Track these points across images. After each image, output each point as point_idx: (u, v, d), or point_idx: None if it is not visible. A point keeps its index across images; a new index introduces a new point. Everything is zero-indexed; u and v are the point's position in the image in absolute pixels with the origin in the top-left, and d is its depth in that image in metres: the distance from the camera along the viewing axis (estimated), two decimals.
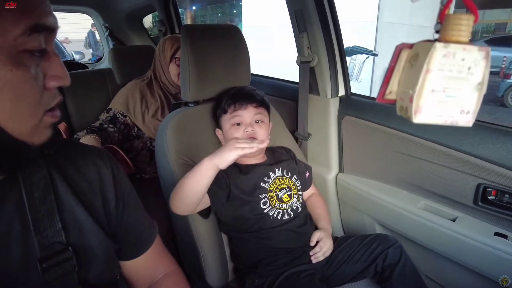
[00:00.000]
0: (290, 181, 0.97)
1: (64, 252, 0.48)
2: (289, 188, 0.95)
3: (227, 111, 0.95)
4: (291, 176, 0.99)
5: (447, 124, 0.36)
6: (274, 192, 0.92)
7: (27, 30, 0.38)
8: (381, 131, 1.09)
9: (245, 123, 0.94)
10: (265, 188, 0.92)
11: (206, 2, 12.85)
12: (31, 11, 0.39)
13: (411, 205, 1.03)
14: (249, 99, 0.95)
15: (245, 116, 0.94)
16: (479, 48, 0.34)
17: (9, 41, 0.37)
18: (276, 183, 0.94)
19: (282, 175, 0.97)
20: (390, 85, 0.40)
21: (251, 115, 0.94)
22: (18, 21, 0.37)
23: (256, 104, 0.95)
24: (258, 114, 0.95)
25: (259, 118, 0.95)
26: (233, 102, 0.94)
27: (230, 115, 0.94)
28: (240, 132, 0.93)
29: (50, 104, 0.44)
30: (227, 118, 0.95)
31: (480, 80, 0.34)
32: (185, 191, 0.78)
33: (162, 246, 0.69)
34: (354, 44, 5.01)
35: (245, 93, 0.97)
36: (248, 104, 0.94)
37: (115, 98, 1.46)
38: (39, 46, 0.40)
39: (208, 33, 1.02)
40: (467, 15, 0.34)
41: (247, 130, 0.92)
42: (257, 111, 0.95)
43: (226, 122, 0.95)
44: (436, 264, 1.03)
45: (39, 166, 0.49)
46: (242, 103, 0.94)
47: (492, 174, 0.86)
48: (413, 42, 0.38)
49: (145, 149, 1.45)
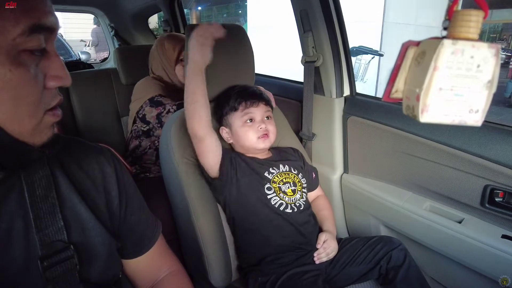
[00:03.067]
0: (296, 177, 0.98)
1: (66, 250, 0.48)
2: (294, 183, 0.96)
3: (238, 109, 0.95)
4: (297, 173, 1.00)
5: (455, 123, 0.35)
6: (277, 184, 0.94)
7: (27, 30, 0.38)
8: (386, 131, 1.08)
9: (257, 119, 0.95)
10: (269, 178, 0.94)
11: (211, 3, 12.88)
12: (31, 11, 0.39)
13: (417, 206, 1.02)
14: (258, 97, 0.97)
15: (257, 113, 0.95)
16: (489, 45, 0.33)
17: (8, 40, 0.37)
18: (281, 175, 0.96)
19: (288, 170, 0.98)
20: (396, 84, 0.39)
21: (262, 112, 0.96)
22: (18, 21, 0.37)
23: (265, 102, 0.98)
24: (267, 112, 0.98)
25: (268, 114, 0.98)
26: (244, 100, 0.95)
27: (242, 112, 0.95)
28: (254, 128, 0.95)
29: (50, 104, 0.43)
30: (237, 116, 0.95)
31: (489, 78, 0.34)
32: (189, 107, 0.86)
33: (166, 245, 0.69)
34: (359, 44, 4.99)
35: (253, 91, 0.98)
36: (259, 102, 0.96)
37: (141, 93, 1.44)
38: (39, 46, 0.40)
39: None
40: (477, 11, 0.33)
41: (261, 127, 0.95)
42: (266, 108, 0.98)
43: (237, 119, 0.96)
44: (442, 266, 1.02)
45: (41, 164, 0.49)
46: (253, 101, 0.95)
47: (499, 176, 0.84)
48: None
49: (152, 148, 1.46)
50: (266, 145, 0.96)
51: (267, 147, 0.98)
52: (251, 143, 0.95)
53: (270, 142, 0.97)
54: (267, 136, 0.95)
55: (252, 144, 0.95)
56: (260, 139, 0.94)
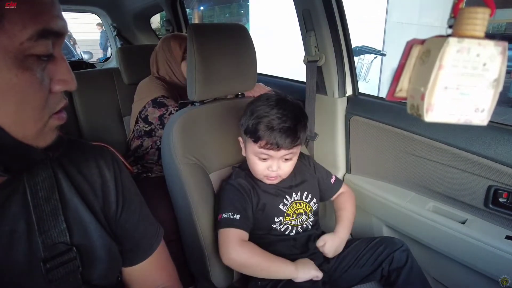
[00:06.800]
0: (307, 205, 0.94)
1: (68, 252, 0.48)
2: (305, 212, 0.93)
3: (257, 142, 0.83)
4: (310, 200, 0.95)
5: (460, 122, 0.35)
6: (290, 217, 0.91)
7: (35, 35, 0.37)
8: (389, 131, 1.07)
9: (271, 159, 0.86)
10: (283, 211, 0.90)
11: (213, 3, 12.88)
12: (40, 15, 0.38)
13: (420, 207, 1.02)
14: (285, 139, 0.81)
15: (274, 156, 0.85)
16: (496, 42, 0.32)
17: (15, 45, 0.36)
18: (293, 207, 0.92)
19: (299, 199, 0.94)
20: (401, 83, 0.38)
21: (281, 155, 0.85)
22: (26, 25, 0.37)
23: (291, 145, 0.83)
24: (289, 154, 0.85)
25: (289, 157, 0.86)
26: (268, 138, 0.81)
27: (259, 149, 0.84)
28: (263, 167, 0.87)
29: (55, 108, 0.43)
30: (253, 147, 0.86)
31: (496, 77, 0.33)
32: (254, 270, 0.85)
33: (165, 258, 0.66)
34: (362, 44, 4.98)
35: (284, 131, 0.81)
36: (281, 148, 0.82)
37: (144, 93, 1.44)
38: (47, 51, 0.39)
39: (214, 32, 1.01)
40: (483, 8, 0.32)
41: (272, 169, 0.86)
42: (289, 151, 0.84)
43: (250, 148, 0.87)
44: (444, 267, 1.01)
45: (44, 166, 0.49)
46: (275, 146, 0.81)
47: (503, 176, 0.84)
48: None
49: (154, 148, 1.46)
50: (272, 183, 0.90)
51: (274, 183, 0.91)
52: (256, 175, 0.91)
53: (278, 181, 0.92)
54: (275, 178, 0.89)
55: (256, 176, 0.91)
56: (265, 177, 0.89)
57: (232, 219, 0.84)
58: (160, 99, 1.37)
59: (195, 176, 0.93)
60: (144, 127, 1.43)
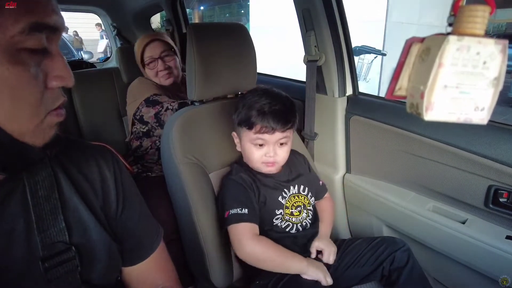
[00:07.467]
0: (306, 198, 0.95)
1: (67, 251, 0.47)
2: (304, 205, 0.94)
3: (251, 129, 0.87)
4: (307, 193, 0.96)
5: (460, 121, 0.35)
6: (289, 209, 0.91)
7: (27, 28, 0.37)
8: (389, 131, 1.07)
9: (267, 144, 0.88)
10: (282, 204, 0.91)
11: (213, 2, 12.89)
12: (32, 9, 0.38)
13: (420, 207, 1.01)
14: (278, 121, 0.85)
15: (269, 140, 0.87)
16: (496, 41, 0.32)
17: (6, 38, 0.36)
18: (292, 199, 0.92)
19: (297, 192, 0.95)
20: (400, 81, 0.38)
21: (276, 139, 0.88)
22: (18, 18, 0.36)
23: (284, 128, 0.87)
24: (283, 138, 0.89)
25: (283, 141, 0.90)
26: (261, 123, 0.85)
27: (254, 135, 0.87)
28: (260, 154, 0.89)
29: (53, 105, 0.43)
30: (248, 135, 0.89)
31: (496, 75, 0.33)
32: (268, 263, 0.85)
33: (165, 258, 0.66)
34: (362, 43, 4.98)
35: (275, 113, 0.85)
36: (276, 130, 0.86)
37: (135, 95, 1.44)
38: (40, 45, 0.39)
39: (214, 32, 1.01)
40: (483, 6, 0.32)
41: (269, 155, 0.88)
42: (283, 135, 0.88)
43: (246, 137, 0.90)
44: (445, 267, 1.01)
45: (43, 165, 0.48)
46: (270, 128, 0.85)
47: (504, 176, 0.83)
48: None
49: (153, 148, 1.45)
50: (271, 170, 0.92)
51: (272, 172, 0.93)
52: (254, 164, 0.92)
53: (277, 169, 0.94)
54: (273, 164, 0.91)
55: (254, 165, 0.92)
56: (263, 164, 0.90)
57: (240, 213, 0.85)
58: (152, 98, 1.38)
59: (195, 176, 0.93)
60: (141, 129, 1.43)
